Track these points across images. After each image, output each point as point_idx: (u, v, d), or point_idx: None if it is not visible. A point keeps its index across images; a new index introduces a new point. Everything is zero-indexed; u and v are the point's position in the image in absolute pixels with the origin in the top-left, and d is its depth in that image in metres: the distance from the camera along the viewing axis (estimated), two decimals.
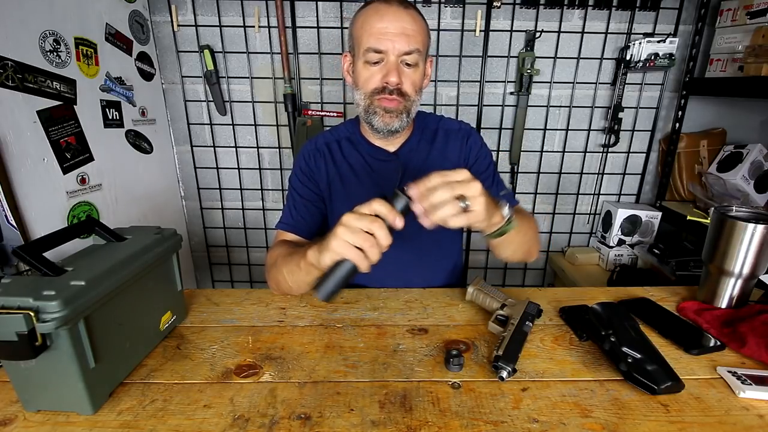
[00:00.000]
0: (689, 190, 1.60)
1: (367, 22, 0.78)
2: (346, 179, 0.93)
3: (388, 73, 0.79)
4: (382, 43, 0.77)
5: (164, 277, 0.71)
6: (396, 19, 0.77)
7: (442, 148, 0.94)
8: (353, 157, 0.93)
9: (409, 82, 0.82)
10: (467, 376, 0.62)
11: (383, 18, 0.77)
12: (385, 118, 0.83)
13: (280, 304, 0.82)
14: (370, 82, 0.81)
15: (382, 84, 0.81)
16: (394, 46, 0.77)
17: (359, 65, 0.82)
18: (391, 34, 0.77)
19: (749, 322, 0.71)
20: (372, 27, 0.77)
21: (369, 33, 0.78)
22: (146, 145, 1.48)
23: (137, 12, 1.41)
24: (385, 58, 0.79)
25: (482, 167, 0.94)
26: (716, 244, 0.78)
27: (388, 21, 0.77)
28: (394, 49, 0.78)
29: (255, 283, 1.87)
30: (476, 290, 0.80)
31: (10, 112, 0.98)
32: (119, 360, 0.60)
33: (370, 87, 0.82)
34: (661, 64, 1.43)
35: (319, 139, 0.96)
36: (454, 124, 0.97)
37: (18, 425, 0.53)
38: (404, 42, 0.77)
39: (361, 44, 0.80)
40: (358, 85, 0.84)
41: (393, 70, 0.79)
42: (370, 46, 0.78)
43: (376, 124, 0.84)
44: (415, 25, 0.78)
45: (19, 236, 0.99)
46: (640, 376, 0.58)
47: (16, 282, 0.52)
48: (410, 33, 0.77)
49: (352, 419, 0.54)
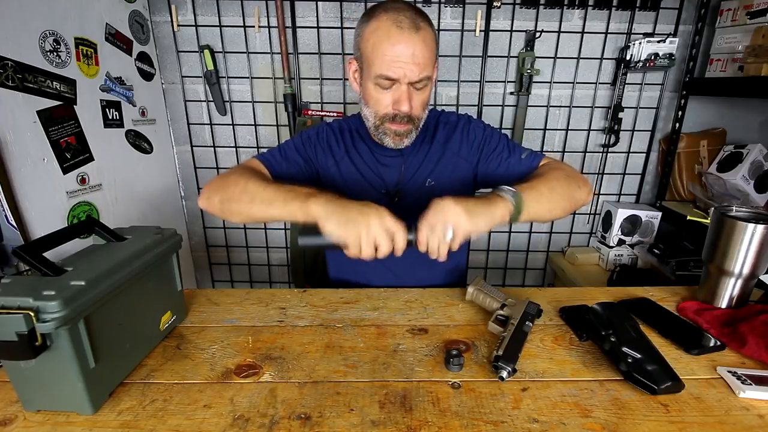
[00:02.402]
0: (689, 190, 1.60)
1: (378, 47, 0.77)
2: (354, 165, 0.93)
3: (400, 101, 0.80)
4: (394, 72, 0.77)
5: (164, 277, 0.71)
6: (408, 46, 0.76)
7: (443, 142, 0.94)
8: (362, 148, 0.94)
9: (419, 105, 0.83)
10: (467, 376, 0.62)
11: (395, 45, 0.76)
12: (395, 139, 0.86)
13: (280, 304, 0.83)
14: (381, 105, 0.82)
15: (393, 111, 0.82)
16: (405, 74, 0.77)
17: (369, 85, 0.82)
18: (402, 63, 0.76)
19: (749, 322, 0.71)
20: (384, 54, 0.76)
21: (381, 59, 0.77)
22: (146, 145, 1.48)
23: (137, 12, 1.41)
24: (396, 84, 0.79)
25: (493, 146, 0.93)
26: (716, 244, 0.78)
27: (400, 49, 0.76)
28: (405, 77, 0.78)
29: (255, 283, 1.87)
30: (476, 290, 0.80)
31: (10, 112, 0.98)
32: (119, 360, 0.60)
33: (380, 111, 0.83)
34: (661, 64, 1.43)
35: (334, 124, 0.97)
36: (452, 116, 0.98)
37: (18, 425, 0.53)
38: (416, 71, 0.77)
39: (371, 66, 0.79)
40: (367, 103, 0.85)
41: (404, 99, 0.79)
42: (382, 74, 0.78)
43: (387, 143, 0.87)
44: (426, 49, 0.77)
45: (19, 236, 0.99)
46: (640, 376, 0.58)
47: (16, 282, 0.52)
48: (421, 60, 0.77)
49: (352, 419, 0.54)
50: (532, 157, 0.91)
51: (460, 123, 0.96)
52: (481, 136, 0.94)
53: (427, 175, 0.93)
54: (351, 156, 0.94)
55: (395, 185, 0.93)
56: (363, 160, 0.93)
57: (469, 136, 0.94)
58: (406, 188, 0.93)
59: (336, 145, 0.94)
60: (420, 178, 0.93)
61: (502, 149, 0.93)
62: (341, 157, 0.94)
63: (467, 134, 0.95)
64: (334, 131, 0.96)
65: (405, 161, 0.93)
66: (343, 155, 0.94)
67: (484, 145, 0.94)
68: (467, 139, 0.94)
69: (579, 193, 0.83)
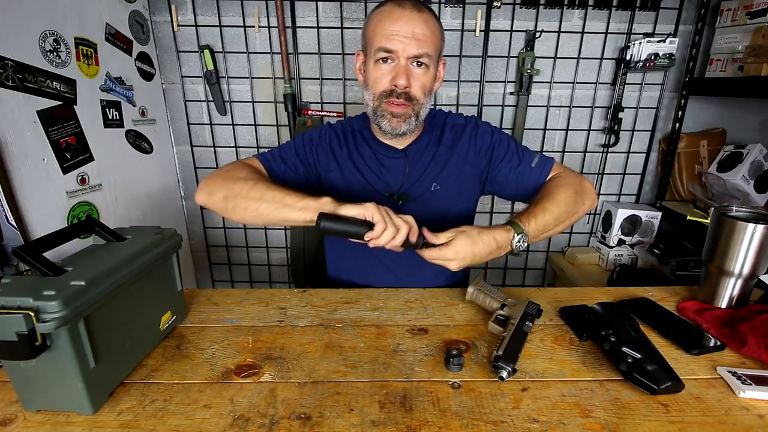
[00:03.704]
0: (689, 190, 1.60)
1: (380, 24, 0.79)
2: (357, 167, 0.93)
3: (397, 76, 0.80)
4: (393, 44, 0.78)
5: (164, 277, 0.71)
6: (408, 22, 0.77)
7: (450, 145, 0.94)
8: (365, 150, 0.94)
9: (418, 85, 0.82)
10: (467, 376, 0.62)
11: (396, 21, 0.78)
12: (392, 122, 0.85)
13: (280, 304, 0.82)
14: (380, 82, 0.82)
15: (391, 86, 0.81)
16: (404, 48, 0.78)
17: (370, 65, 0.83)
18: (401, 36, 0.77)
19: (749, 322, 0.71)
20: (384, 29, 0.78)
21: (381, 34, 0.79)
22: (146, 145, 1.48)
23: (137, 12, 1.41)
24: (395, 59, 0.80)
25: (502, 153, 0.93)
26: (716, 244, 0.78)
27: (400, 24, 0.77)
28: (404, 51, 0.78)
29: (255, 283, 1.87)
30: (476, 290, 0.80)
31: (10, 112, 0.98)
32: (119, 360, 0.60)
33: (379, 88, 0.83)
34: (661, 64, 1.43)
35: (337, 126, 0.97)
36: (459, 119, 0.97)
37: (18, 425, 0.53)
38: (414, 45, 0.78)
39: (372, 44, 0.81)
40: (368, 84, 0.85)
41: (402, 72, 0.80)
42: (380, 46, 0.79)
43: (384, 126, 0.86)
44: (427, 29, 0.79)
45: (19, 236, 0.99)
46: (640, 376, 0.58)
47: (16, 282, 0.52)
48: (421, 37, 0.78)
49: (352, 419, 0.54)
50: (542, 165, 0.91)
51: (468, 127, 0.95)
52: (489, 142, 0.94)
53: (432, 179, 0.93)
54: (353, 158, 0.93)
55: (399, 188, 0.93)
56: (365, 162, 0.93)
57: (477, 141, 0.94)
58: (410, 191, 0.93)
59: (338, 148, 0.94)
60: (425, 182, 0.93)
61: (512, 156, 0.93)
62: (344, 159, 0.93)
63: (475, 139, 0.94)
64: (336, 133, 0.95)
65: (409, 163, 0.92)
66: (346, 158, 0.93)
67: (493, 152, 0.93)
68: (475, 145, 0.94)
69: (583, 209, 0.87)
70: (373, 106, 0.85)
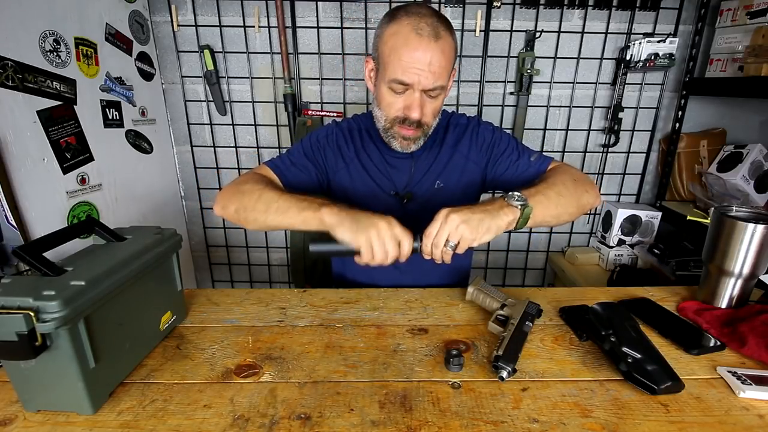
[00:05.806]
0: (689, 190, 1.60)
1: (395, 51, 0.76)
2: (364, 166, 0.93)
3: (411, 108, 0.80)
4: (408, 77, 0.76)
5: (164, 277, 0.71)
6: (426, 53, 0.75)
7: (453, 144, 0.95)
8: (371, 149, 0.94)
9: (430, 113, 0.83)
10: (467, 376, 0.62)
11: (413, 51, 0.75)
12: (402, 143, 0.86)
13: (280, 304, 0.83)
14: (392, 108, 0.82)
15: (404, 115, 0.82)
16: (419, 80, 0.77)
17: (383, 87, 0.82)
18: (417, 68, 0.76)
19: (749, 322, 0.71)
20: (401, 58, 0.76)
21: (397, 63, 0.76)
22: (146, 145, 1.48)
23: (137, 12, 1.41)
24: (410, 90, 0.79)
25: (502, 148, 0.94)
26: (716, 244, 0.78)
27: (417, 55, 0.75)
28: (419, 84, 0.77)
29: (255, 283, 1.87)
30: (476, 290, 0.80)
31: (10, 112, 0.98)
32: (119, 360, 0.60)
33: (391, 114, 0.83)
34: (661, 64, 1.43)
35: (343, 124, 0.97)
36: (462, 119, 0.98)
37: (18, 425, 0.53)
38: (431, 79, 0.77)
39: (387, 69, 0.79)
40: (379, 104, 0.85)
41: (416, 106, 0.79)
42: (396, 78, 0.77)
43: (395, 146, 0.87)
44: (443, 59, 0.77)
45: (19, 236, 0.99)
46: (640, 376, 0.58)
47: (16, 282, 0.52)
48: (437, 69, 0.76)
49: (352, 419, 0.54)
50: (541, 160, 0.91)
51: (470, 125, 0.96)
52: (490, 139, 0.95)
53: (436, 177, 0.94)
54: (360, 157, 0.94)
55: (405, 187, 0.94)
56: (372, 161, 0.94)
57: (478, 138, 0.95)
58: (415, 190, 0.93)
59: (345, 146, 0.94)
60: (429, 180, 0.94)
61: (511, 152, 0.93)
62: (351, 158, 0.94)
63: (476, 137, 0.95)
64: (343, 131, 0.95)
65: (415, 163, 0.93)
66: (353, 157, 0.94)
67: (493, 148, 0.94)
68: (476, 142, 0.95)
69: (586, 197, 0.83)
70: (384, 126, 0.86)
